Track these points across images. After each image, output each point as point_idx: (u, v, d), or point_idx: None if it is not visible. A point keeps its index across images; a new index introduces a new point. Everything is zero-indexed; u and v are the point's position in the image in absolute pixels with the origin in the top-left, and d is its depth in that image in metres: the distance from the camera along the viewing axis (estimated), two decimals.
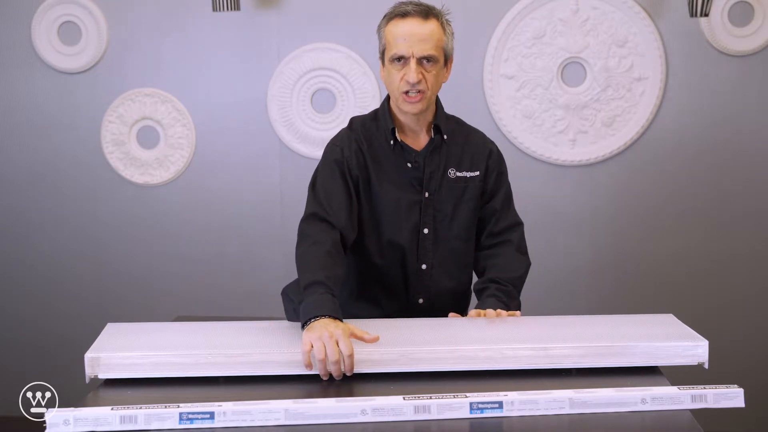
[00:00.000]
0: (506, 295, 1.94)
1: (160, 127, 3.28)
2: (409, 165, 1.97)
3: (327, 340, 1.53)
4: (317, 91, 3.22)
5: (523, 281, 2.03)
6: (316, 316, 1.61)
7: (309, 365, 1.54)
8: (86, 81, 3.26)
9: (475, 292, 2.03)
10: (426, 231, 1.99)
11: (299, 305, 1.69)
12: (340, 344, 1.54)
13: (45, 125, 3.31)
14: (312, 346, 1.54)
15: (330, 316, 1.61)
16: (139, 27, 3.23)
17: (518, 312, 1.88)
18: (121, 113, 3.27)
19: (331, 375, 1.56)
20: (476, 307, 1.92)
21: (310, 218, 1.88)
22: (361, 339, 1.59)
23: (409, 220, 1.98)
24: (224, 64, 3.23)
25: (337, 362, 1.53)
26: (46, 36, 3.23)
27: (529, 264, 2.06)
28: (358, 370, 1.57)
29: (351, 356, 1.53)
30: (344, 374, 1.56)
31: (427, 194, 1.98)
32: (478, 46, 3.12)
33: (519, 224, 2.08)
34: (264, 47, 3.21)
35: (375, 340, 1.59)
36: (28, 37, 3.25)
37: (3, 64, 3.29)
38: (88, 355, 1.54)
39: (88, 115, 3.29)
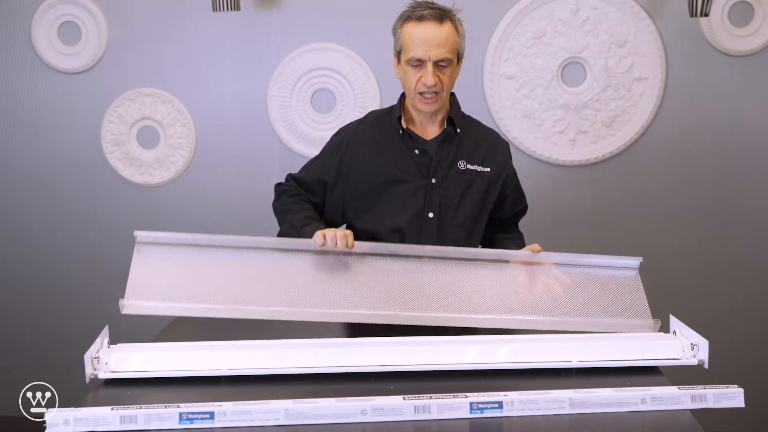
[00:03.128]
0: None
1: (160, 127, 3.28)
2: (416, 152, 2.07)
3: (331, 231, 1.86)
4: (317, 91, 3.22)
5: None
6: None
7: (323, 244, 1.85)
8: (86, 81, 3.26)
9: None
10: (431, 215, 2.07)
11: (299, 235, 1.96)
12: (341, 233, 1.85)
13: (45, 125, 3.30)
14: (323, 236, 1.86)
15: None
16: (139, 27, 3.23)
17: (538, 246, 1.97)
18: (121, 113, 3.27)
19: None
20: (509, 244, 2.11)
21: (288, 182, 2.17)
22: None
23: (413, 204, 2.06)
24: (224, 64, 3.23)
25: (343, 238, 1.85)
26: (46, 36, 3.23)
27: None
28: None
29: (348, 236, 1.86)
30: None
31: (434, 180, 2.06)
32: (478, 46, 3.12)
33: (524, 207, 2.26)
34: (264, 47, 3.21)
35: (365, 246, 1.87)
36: (28, 37, 3.24)
37: (3, 64, 3.29)
38: (88, 355, 1.55)
39: (88, 115, 3.29)
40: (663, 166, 3.15)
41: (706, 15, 2.88)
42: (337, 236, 1.84)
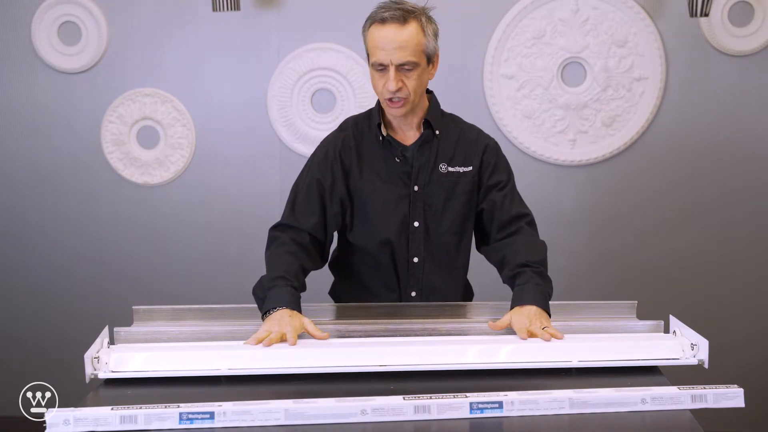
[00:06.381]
0: (541, 277, 1.90)
1: (160, 127, 3.28)
2: (397, 160, 2.00)
3: (274, 336, 1.67)
4: (317, 91, 3.22)
5: (547, 262, 1.99)
6: (275, 308, 1.77)
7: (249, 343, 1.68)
8: (86, 81, 3.26)
9: (506, 280, 1.97)
10: (416, 224, 2.01)
11: (263, 301, 1.83)
12: (287, 340, 1.67)
13: (45, 125, 3.31)
14: (264, 337, 1.68)
15: (287, 308, 1.77)
16: (139, 27, 3.23)
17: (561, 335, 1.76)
18: (121, 113, 3.27)
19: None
20: (514, 296, 1.87)
21: (279, 227, 2.02)
22: (313, 335, 1.73)
23: (397, 214, 2.00)
24: (224, 64, 3.23)
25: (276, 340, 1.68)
26: (46, 36, 3.23)
27: (546, 246, 2.02)
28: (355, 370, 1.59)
29: (285, 335, 1.69)
30: None
31: (416, 188, 2.00)
32: (478, 46, 3.12)
33: (528, 214, 2.05)
34: (264, 47, 3.21)
35: (325, 337, 1.73)
36: (28, 37, 3.24)
37: (3, 64, 3.29)
38: (88, 355, 1.55)
39: (88, 115, 3.29)
40: (663, 166, 3.15)
41: (706, 15, 2.88)
42: (270, 338, 1.67)
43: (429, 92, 2.03)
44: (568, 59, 3.11)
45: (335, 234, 2.10)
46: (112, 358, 1.58)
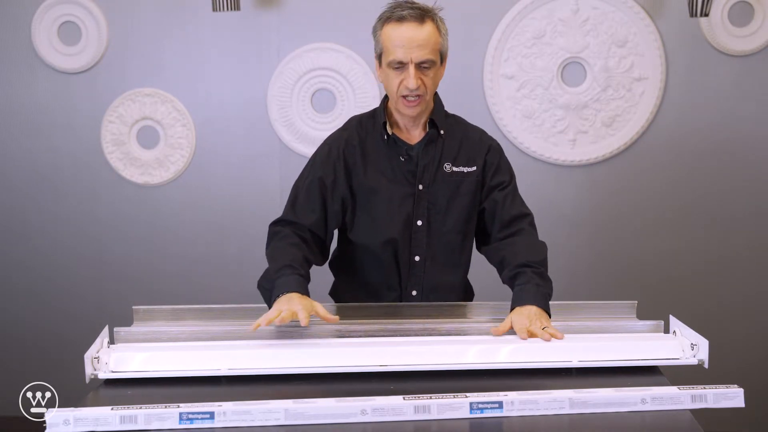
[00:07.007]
0: (542, 277, 1.90)
1: (160, 127, 3.28)
2: (401, 158, 2.00)
3: (286, 315, 1.66)
4: (317, 91, 3.22)
5: (547, 263, 1.99)
6: (284, 292, 1.76)
7: (257, 326, 1.67)
8: (86, 81, 3.26)
9: (507, 280, 1.97)
10: (420, 223, 2.02)
11: (272, 291, 1.82)
12: (300, 319, 1.66)
13: (45, 125, 3.31)
14: (275, 316, 1.67)
15: (297, 292, 1.76)
16: (139, 27, 3.23)
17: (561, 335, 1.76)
18: (121, 113, 3.27)
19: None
20: (514, 297, 1.87)
21: (279, 222, 2.03)
22: (323, 318, 1.73)
23: (401, 212, 2.01)
24: (224, 64, 3.23)
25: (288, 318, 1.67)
26: (46, 36, 3.23)
27: (547, 246, 2.02)
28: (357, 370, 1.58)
29: (298, 313, 1.68)
30: None
31: (421, 187, 2.01)
32: (478, 46, 3.12)
33: (529, 214, 2.06)
34: (264, 47, 3.21)
35: (335, 320, 1.75)
36: (28, 37, 3.24)
37: (3, 64, 3.28)
38: (88, 355, 1.55)
39: (88, 115, 3.29)
40: (663, 166, 3.16)
41: (706, 15, 2.88)
42: (282, 317, 1.67)
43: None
44: (568, 59, 3.11)
45: (335, 233, 2.11)
46: (112, 358, 1.59)
